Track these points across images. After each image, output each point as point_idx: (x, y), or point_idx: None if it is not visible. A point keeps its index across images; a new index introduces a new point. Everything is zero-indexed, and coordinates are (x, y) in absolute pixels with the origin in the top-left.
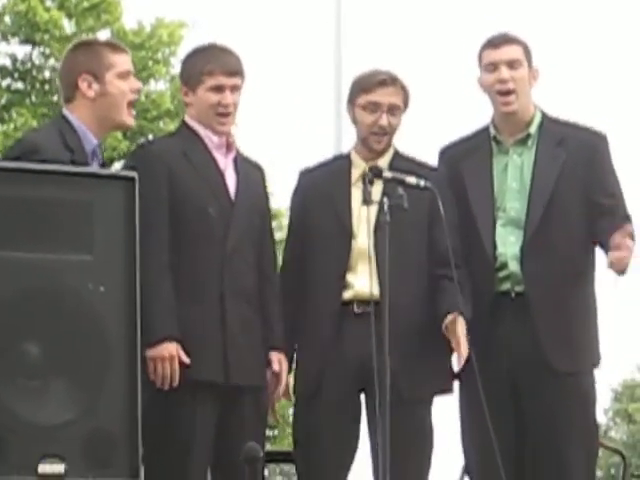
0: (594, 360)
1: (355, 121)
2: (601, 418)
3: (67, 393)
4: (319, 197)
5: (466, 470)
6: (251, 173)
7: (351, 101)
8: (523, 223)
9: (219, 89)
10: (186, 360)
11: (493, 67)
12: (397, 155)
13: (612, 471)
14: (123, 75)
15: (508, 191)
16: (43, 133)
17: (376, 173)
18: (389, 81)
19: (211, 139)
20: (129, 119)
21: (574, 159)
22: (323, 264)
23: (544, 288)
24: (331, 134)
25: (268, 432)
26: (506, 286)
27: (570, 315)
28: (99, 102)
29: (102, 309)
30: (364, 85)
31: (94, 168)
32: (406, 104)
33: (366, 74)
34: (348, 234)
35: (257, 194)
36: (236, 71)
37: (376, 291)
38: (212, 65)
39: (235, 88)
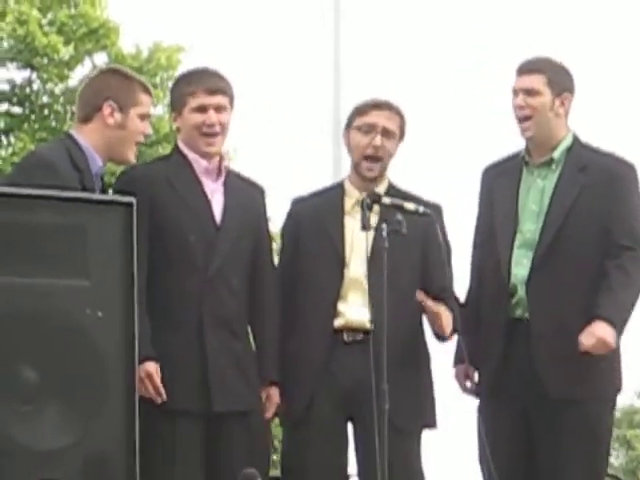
0: (605, 389)
1: (349, 145)
2: None
3: (64, 418)
4: (312, 225)
5: None
6: (245, 194)
7: (347, 127)
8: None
9: (202, 109)
10: (158, 384)
11: (514, 92)
12: (391, 187)
13: None
14: (144, 116)
15: (527, 213)
16: (53, 150)
17: (374, 199)
18: (385, 105)
19: (199, 164)
20: (132, 157)
21: (593, 184)
22: (315, 292)
23: (547, 313)
24: (329, 160)
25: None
26: (518, 312)
27: (573, 343)
28: (114, 132)
29: (100, 334)
30: (360, 108)
31: (91, 194)
32: (402, 132)
33: (363, 100)
34: (341, 262)
35: (249, 216)
36: (217, 89)
37: (368, 319)
38: (194, 86)
39: (220, 108)
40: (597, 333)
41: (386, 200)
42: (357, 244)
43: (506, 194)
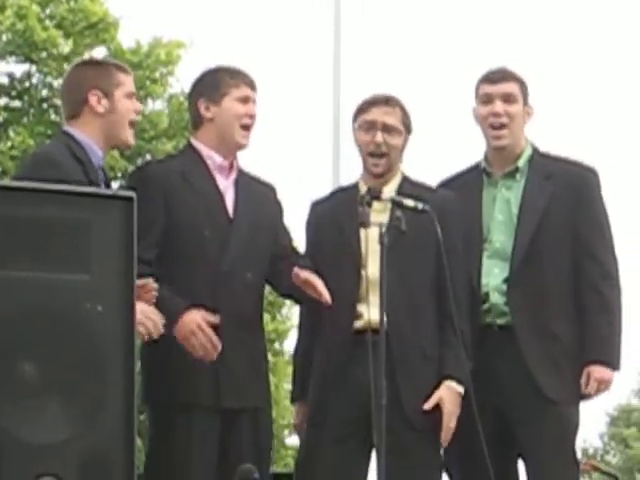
0: (579, 391)
1: (357, 144)
2: (597, 442)
3: (63, 412)
4: (330, 228)
5: None
6: (257, 192)
7: (353, 125)
8: (508, 255)
9: (245, 100)
10: (214, 320)
11: (488, 99)
12: (405, 181)
13: None
14: (129, 95)
15: (494, 223)
16: (54, 148)
17: (374, 195)
18: (383, 100)
19: (213, 160)
20: (131, 138)
21: (562, 193)
22: (335, 293)
23: (530, 319)
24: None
25: None
26: (489, 319)
27: (559, 346)
28: (106, 118)
29: (99, 328)
30: (361, 106)
31: (92, 188)
32: (407, 127)
33: (366, 97)
34: (358, 263)
35: (262, 212)
36: (255, 86)
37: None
38: (238, 79)
39: (255, 103)
40: (596, 377)
41: (385, 196)
42: (373, 245)
43: (469, 206)
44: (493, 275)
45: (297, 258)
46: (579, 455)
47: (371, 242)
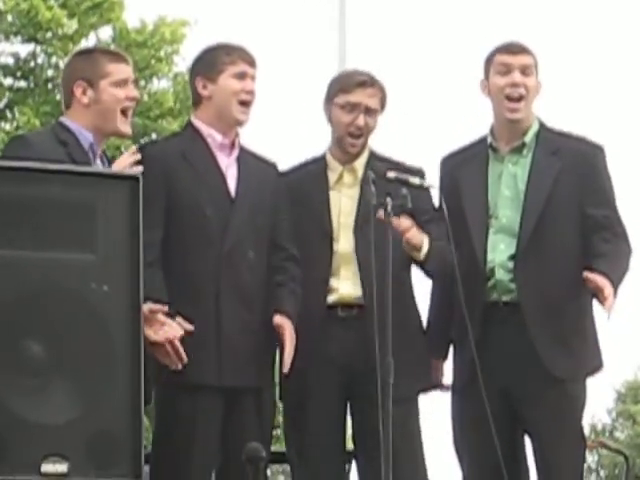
0: (592, 366)
1: (331, 120)
2: (605, 418)
3: (70, 392)
4: (298, 201)
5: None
6: (259, 171)
7: (329, 100)
8: (515, 231)
9: (242, 76)
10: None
11: (507, 70)
12: (373, 156)
13: (616, 471)
14: (119, 83)
15: (501, 199)
16: (35, 132)
17: (379, 174)
18: (369, 82)
19: (214, 138)
20: (123, 126)
21: (569, 169)
22: (306, 268)
23: (537, 295)
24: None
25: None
26: (494, 296)
27: (566, 322)
28: (93, 109)
29: (105, 308)
30: (343, 85)
31: (98, 167)
32: (383, 106)
33: (345, 74)
34: (329, 238)
35: (264, 191)
36: (254, 62)
37: (360, 294)
38: (234, 55)
39: (254, 79)
40: (598, 278)
41: (391, 175)
42: (344, 218)
43: (474, 181)
44: (499, 251)
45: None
46: (587, 432)
47: (343, 216)
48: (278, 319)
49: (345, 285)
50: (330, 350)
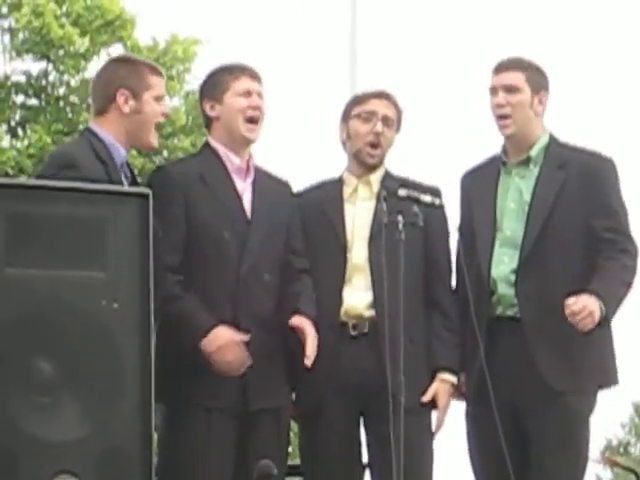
0: (601, 381)
1: (349, 136)
2: (620, 433)
3: (80, 410)
4: (313, 215)
5: None
6: (273, 191)
7: (344, 118)
8: (518, 243)
9: (247, 93)
10: (243, 338)
11: (493, 91)
12: (388, 175)
13: None
14: (158, 98)
15: (507, 212)
16: (75, 147)
17: (391, 191)
18: (384, 94)
19: (232, 162)
20: (154, 140)
21: (574, 181)
22: (321, 278)
23: (538, 309)
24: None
25: None
26: (499, 311)
27: (568, 336)
28: (132, 118)
29: (115, 326)
30: (358, 98)
31: (108, 185)
32: (399, 123)
33: (360, 91)
34: (343, 248)
35: (279, 212)
36: (258, 77)
37: (371, 299)
38: (237, 72)
39: (261, 95)
40: (582, 300)
41: (402, 192)
42: (358, 230)
43: (484, 195)
44: (503, 264)
45: (300, 291)
46: (602, 447)
47: (357, 228)
48: (297, 319)
49: (357, 294)
50: (343, 367)
